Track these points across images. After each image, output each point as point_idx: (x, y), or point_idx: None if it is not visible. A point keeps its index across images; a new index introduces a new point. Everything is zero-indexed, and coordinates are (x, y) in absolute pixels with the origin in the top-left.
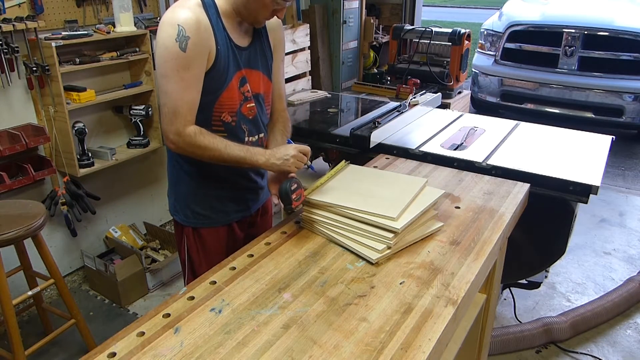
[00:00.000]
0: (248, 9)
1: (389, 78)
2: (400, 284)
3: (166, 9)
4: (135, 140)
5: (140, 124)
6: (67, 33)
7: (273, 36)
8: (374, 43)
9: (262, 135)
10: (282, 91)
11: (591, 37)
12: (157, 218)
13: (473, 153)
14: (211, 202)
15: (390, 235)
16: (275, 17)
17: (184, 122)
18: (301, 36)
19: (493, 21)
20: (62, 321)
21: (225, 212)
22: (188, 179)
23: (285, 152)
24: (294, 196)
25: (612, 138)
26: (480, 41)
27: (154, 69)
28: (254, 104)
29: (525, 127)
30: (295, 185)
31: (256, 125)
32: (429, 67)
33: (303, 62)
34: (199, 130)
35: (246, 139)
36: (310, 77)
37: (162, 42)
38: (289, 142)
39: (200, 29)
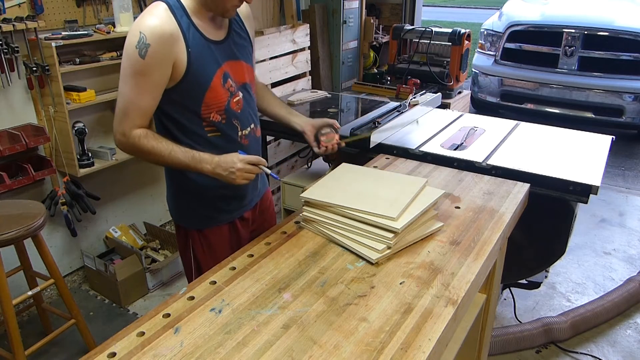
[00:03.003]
0: (214, 0)
1: (389, 78)
2: (400, 284)
3: None
4: None
5: None
6: (67, 33)
7: (249, 24)
8: (374, 43)
9: (252, 126)
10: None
11: (591, 37)
12: (157, 218)
13: (473, 153)
14: (216, 202)
15: (390, 235)
16: (244, 3)
17: (131, 124)
18: (301, 36)
19: (493, 21)
20: (62, 321)
21: (228, 210)
22: (192, 184)
23: (232, 165)
24: (323, 138)
25: (612, 138)
26: (480, 41)
27: None
28: (240, 97)
29: (525, 127)
30: (329, 130)
31: (246, 117)
32: (429, 67)
33: (303, 62)
34: (144, 133)
35: (239, 133)
36: (310, 77)
37: (125, 47)
38: (240, 153)
39: (163, 36)
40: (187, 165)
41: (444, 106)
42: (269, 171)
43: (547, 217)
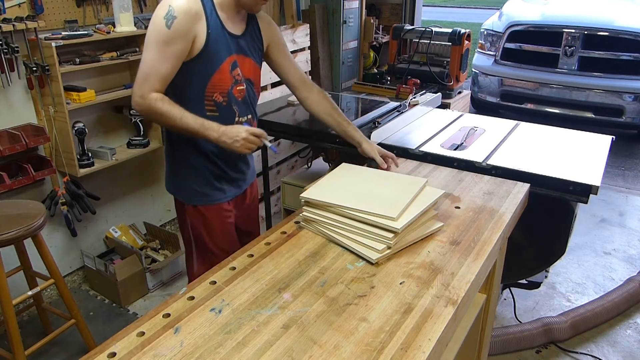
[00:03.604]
0: None
1: (389, 78)
2: (400, 284)
3: None
4: (135, 140)
5: (140, 124)
6: (67, 33)
7: (267, 32)
8: (374, 43)
9: (250, 116)
10: (303, 75)
11: (591, 37)
12: (157, 218)
13: (473, 153)
14: (209, 179)
15: (390, 235)
16: (267, 16)
17: (150, 87)
18: (301, 36)
19: (493, 21)
20: (62, 321)
21: (222, 190)
22: (186, 158)
23: (237, 134)
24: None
25: (612, 138)
26: (480, 41)
27: None
28: (244, 87)
29: (525, 127)
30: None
31: (246, 107)
32: (429, 67)
33: (303, 62)
34: (160, 97)
35: (236, 119)
36: (310, 77)
37: (153, 18)
38: (244, 125)
39: (189, 14)
40: (195, 131)
41: (444, 106)
42: (269, 144)
43: (547, 217)
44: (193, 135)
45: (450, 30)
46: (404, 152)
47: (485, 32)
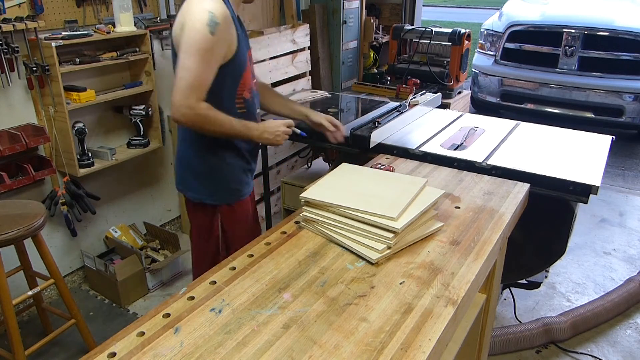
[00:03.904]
0: None
1: (389, 78)
2: (400, 284)
3: (166, 9)
4: (135, 140)
5: (140, 124)
6: (67, 33)
7: (245, 23)
8: (374, 43)
9: (259, 108)
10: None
11: (591, 37)
12: (157, 218)
13: (473, 153)
14: (240, 175)
15: (390, 235)
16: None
17: (197, 96)
18: (301, 36)
19: (493, 21)
20: (62, 321)
21: (248, 183)
22: (224, 160)
23: (277, 128)
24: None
25: (612, 138)
26: (480, 41)
27: (154, 69)
28: (256, 80)
29: (525, 127)
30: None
31: (258, 99)
32: (429, 67)
33: (303, 62)
34: (208, 105)
35: (257, 111)
36: (310, 77)
37: (193, 24)
38: (274, 119)
39: (227, 18)
40: (241, 133)
41: (444, 106)
42: (298, 131)
43: (547, 217)
44: (237, 137)
45: (450, 30)
46: (404, 152)
47: (485, 32)
